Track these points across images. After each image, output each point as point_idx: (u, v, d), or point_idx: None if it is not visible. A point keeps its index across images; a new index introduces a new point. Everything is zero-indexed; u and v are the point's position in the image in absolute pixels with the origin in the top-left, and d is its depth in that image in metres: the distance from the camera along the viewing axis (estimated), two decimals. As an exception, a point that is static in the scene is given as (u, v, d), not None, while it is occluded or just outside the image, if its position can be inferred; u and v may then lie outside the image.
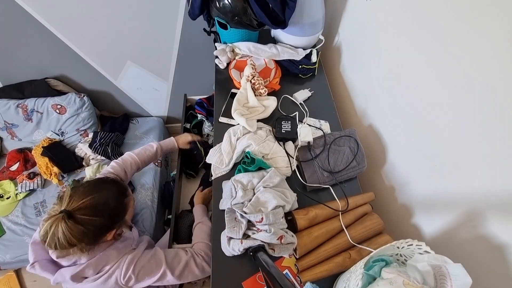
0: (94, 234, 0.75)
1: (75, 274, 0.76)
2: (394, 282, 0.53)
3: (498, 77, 0.50)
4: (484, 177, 0.56)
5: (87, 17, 1.30)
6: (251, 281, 0.70)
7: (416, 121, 0.74)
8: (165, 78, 1.68)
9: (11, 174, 1.60)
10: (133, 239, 0.91)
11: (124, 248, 0.85)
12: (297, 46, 1.11)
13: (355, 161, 0.87)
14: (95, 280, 0.78)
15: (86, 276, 0.78)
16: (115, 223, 0.81)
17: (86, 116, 1.67)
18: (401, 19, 0.74)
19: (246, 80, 0.99)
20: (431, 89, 0.66)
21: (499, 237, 0.55)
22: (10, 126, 1.64)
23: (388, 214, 0.88)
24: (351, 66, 1.09)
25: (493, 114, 0.52)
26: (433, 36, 0.63)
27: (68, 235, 0.69)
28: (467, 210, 0.61)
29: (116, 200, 0.82)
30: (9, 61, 1.48)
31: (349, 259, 0.71)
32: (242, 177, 0.80)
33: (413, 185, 0.78)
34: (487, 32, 0.50)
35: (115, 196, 0.82)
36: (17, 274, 1.60)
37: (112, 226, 0.80)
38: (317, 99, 1.06)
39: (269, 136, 0.91)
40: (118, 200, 0.83)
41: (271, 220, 0.70)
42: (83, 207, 0.73)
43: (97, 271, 0.79)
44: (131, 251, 0.85)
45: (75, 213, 0.71)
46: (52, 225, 0.69)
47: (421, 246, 0.57)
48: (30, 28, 1.31)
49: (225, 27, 1.03)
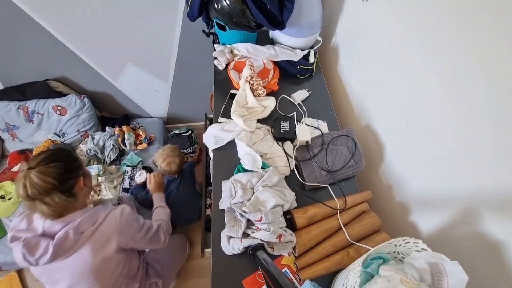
0: (63, 175, 0.84)
1: (75, 228, 0.84)
2: (392, 279, 0.54)
3: (494, 77, 0.50)
4: (480, 175, 0.57)
5: (87, 19, 1.31)
6: (250, 279, 0.71)
7: (412, 120, 0.74)
8: (164, 79, 1.69)
9: (13, 175, 1.61)
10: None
11: (105, 207, 0.96)
12: (295, 47, 1.11)
13: (352, 160, 0.88)
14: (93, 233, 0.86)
15: (83, 231, 0.86)
16: (77, 168, 0.91)
17: (86, 117, 1.68)
18: (398, 19, 0.75)
19: (244, 81, 0.99)
20: (428, 89, 0.67)
21: (494, 235, 0.55)
22: (11, 128, 1.65)
23: (386, 212, 0.89)
24: (348, 66, 1.09)
25: (488, 113, 0.53)
26: (429, 36, 0.64)
27: (42, 177, 0.79)
28: (463, 208, 0.62)
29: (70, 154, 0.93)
30: (10, 63, 1.49)
31: (347, 257, 0.72)
32: (241, 176, 0.81)
33: (410, 183, 0.79)
34: (485, 30, 0.51)
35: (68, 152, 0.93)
36: (19, 275, 1.60)
37: (76, 171, 0.89)
38: (315, 99, 1.07)
39: (268, 136, 0.92)
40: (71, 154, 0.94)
41: (270, 219, 0.70)
42: (41, 160, 0.83)
43: (92, 222, 0.88)
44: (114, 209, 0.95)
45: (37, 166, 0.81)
46: (24, 178, 0.79)
47: (418, 244, 0.57)
48: (30, 30, 1.32)
49: (224, 28, 1.04)
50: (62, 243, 0.82)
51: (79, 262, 0.86)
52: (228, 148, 0.90)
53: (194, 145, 1.85)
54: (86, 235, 0.85)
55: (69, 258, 0.85)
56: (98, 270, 0.88)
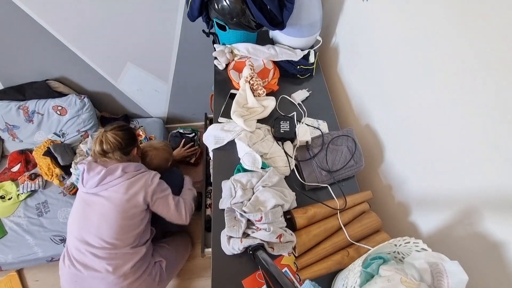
0: (128, 140, 1.14)
1: (124, 167, 1.09)
2: (392, 279, 0.54)
3: (495, 77, 0.50)
4: (480, 175, 0.57)
5: (87, 19, 1.31)
6: (250, 279, 0.71)
7: (412, 120, 0.74)
8: (165, 79, 1.69)
9: (13, 175, 1.61)
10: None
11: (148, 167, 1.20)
12: (295, 47, 1.11)
13: (352, 160, 0.88)
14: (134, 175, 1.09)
15: (128, 171, 1.10)
16: (136, 139, 1.21)
17: (86, 117, 1.68)
18: (398, 19, 0.75)
19: (244, 81, 0.99)
20: (428, 89, 0.67)
21: (495, 235, 0.55)
22: (11, 128, 1.65)
23: (386, 212, 0.89)
24: (348, 66, 1.09)
25: (489, 113, 0.53)
26: (430, 36, 0.64)
27: (114, 137, 1.10)
28: (463, 208, 0.62)
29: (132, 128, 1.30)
30: (10, 63, 1.49)
31: (347, 257, 0.72)
32: (241, 176, 0.81)
33: (410, 183, 0.79)
34: (486, 28, 0.51)
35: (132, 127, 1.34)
36: (19, 275, 1.60)
37: (134, 141, 1.19)
38: (315, 99, 1.07)
39: (268, 136, 0.92)
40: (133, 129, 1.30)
41: (270, 219, 0.70)
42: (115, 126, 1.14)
43: (137, 170, 1.13)
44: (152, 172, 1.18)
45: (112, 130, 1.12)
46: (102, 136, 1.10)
47: (418, 243, 0.57)
48: (30, 30, 1.32)
49: (224, 28, 1.04)
50: (112, 172, 1.07)
51: (114, 195, 1.05)
52: (228, 148, 0.90)
53: (195, 146, 1.84)
54: (129, 175, 1.08)
55: (109, 190, 1.06)
56: (125, 209, 1.05)
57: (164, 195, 1.15)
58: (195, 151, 1.74)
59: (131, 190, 1.06)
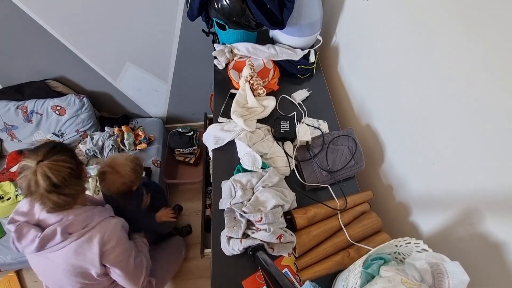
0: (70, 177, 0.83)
1: (65, 226, 0.85)
2: (393, 280, 0.54)
3: (494, 78, 0.50)
4: (481, 176, 0.56)
5: (86, 19, 1.31)
6: (250, 280, 0.70)
7: (413, 120, 0.74)
8: (164, 79, 1.69)
9: (11, 175, 1.61)
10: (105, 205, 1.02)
11: (104, 211, 0.95)
12: (295, 46, 1.11)
13: (353, 160, 0.88)
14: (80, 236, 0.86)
15: (72, 232, 0.86)
16: (81, 172, 0.90)
17: (85, 117, 1.67)
18: (399, 18, 0.74)
19: (244, 80, 0.99)
20: (428, 89, 0.67)
21: (496, 235, 0.55)
22: (10, 128, 1.64)
23: (386, 212, 0.89)
24: (348, 66, 1.09)
25: (489, 113, 0.52)
26: (430, 36, 0.64)
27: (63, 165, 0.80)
28: (464, 208, 0.62)
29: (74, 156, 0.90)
30: (8, 63, 1.48)
31: (347, 258, 0.71)
32: (241, 177, 0.81)
33: (411, 183, 0.79)
34: (487, 29, 0.51)
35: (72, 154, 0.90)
36: (18, 275, 1.60)
37: (80, 175, 0.89)
38: (315, 99, 1.07)
39: (268, 136, 0.92)
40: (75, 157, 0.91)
41: (270, 220, 0.70)
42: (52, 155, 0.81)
43: (83, 226, 0.88)
44: (112, 217, 0.96)
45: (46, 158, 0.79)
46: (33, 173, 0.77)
47: (419, 244, 0.57)
48: (29, 29, 1.31)
49: (224, 28, 1.04)
50: (48, 239, 0.84)
51: (61, 260, 0.87)
52: (228, 148, 0.90)
53: (194, 146, 1.84)
54: (74, 236, 0.86)
55: (56, 253, 0.86)
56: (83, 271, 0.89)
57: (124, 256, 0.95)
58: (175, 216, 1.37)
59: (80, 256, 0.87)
